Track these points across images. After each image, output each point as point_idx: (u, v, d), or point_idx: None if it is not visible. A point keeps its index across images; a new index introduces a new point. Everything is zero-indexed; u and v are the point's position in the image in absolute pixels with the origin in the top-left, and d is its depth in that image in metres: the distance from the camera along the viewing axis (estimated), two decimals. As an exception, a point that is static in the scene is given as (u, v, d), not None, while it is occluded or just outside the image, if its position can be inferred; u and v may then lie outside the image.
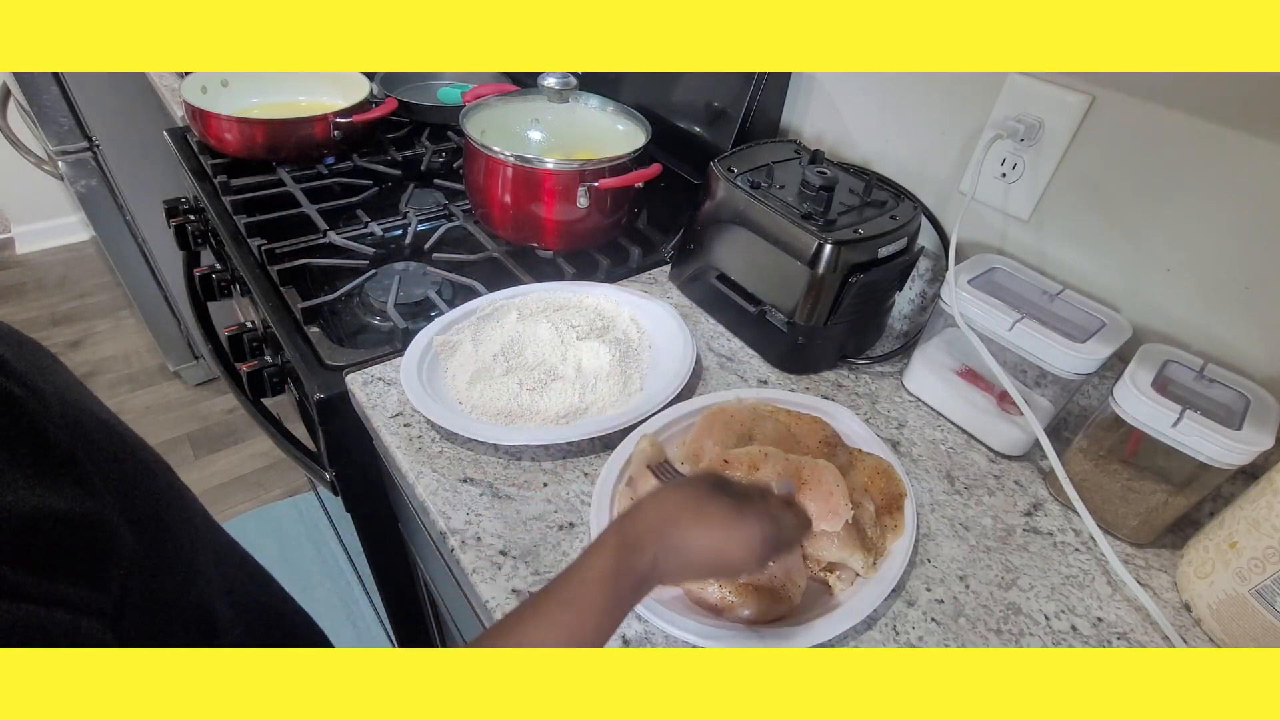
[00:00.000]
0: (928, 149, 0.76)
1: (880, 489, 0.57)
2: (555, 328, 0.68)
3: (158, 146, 1.14)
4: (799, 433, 0.60)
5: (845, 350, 0.73)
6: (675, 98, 0.93)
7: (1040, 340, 0.58)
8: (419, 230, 0.87)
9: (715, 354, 0.73)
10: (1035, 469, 0.65)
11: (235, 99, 1.03)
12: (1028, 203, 0.67)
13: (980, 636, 0.50)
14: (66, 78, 1.41)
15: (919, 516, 0.58)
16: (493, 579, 0.50)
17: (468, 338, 0.68)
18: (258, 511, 1.68)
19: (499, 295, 0.74)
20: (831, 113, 0.85)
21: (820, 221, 0.65)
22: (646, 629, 0.48)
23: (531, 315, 0.71)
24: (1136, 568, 0.57)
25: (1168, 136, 0.57)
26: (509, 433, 0.59)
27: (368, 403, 0.63)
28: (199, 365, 1.97)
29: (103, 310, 2.21)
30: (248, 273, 0.80)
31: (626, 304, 0.74)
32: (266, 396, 0.80)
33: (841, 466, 0.56)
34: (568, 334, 0.68)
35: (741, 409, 0.61)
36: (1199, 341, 0.60)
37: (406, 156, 1.03)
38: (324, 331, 0.72)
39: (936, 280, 0.77)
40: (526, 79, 1.17)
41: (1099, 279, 0.65)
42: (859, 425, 0.64)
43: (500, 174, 0.79)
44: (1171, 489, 0.55)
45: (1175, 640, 0.51)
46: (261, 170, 0.96)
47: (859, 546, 0.51)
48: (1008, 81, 0.65)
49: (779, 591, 0.49)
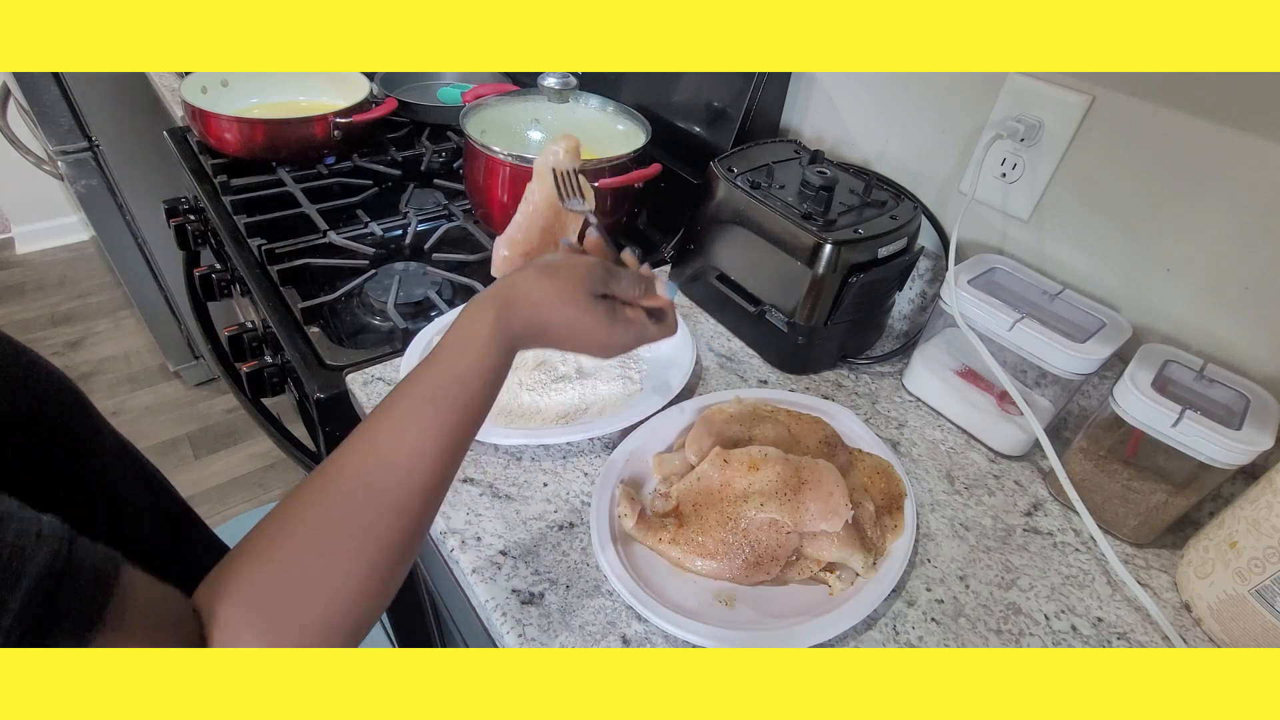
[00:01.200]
0: (928, 149, 0.76)
1: (880, 489, 0.57)
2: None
3: (158, 146, 1.14)
4: (799, 433, 0.60)
5: (845, 350, 0.73)
6: (675, 98, 0.93)
7: (1040, 340, 0.58)
8: (419, 230, 0.87)
9: (715, 354, 0.73)
10: (1035, 469, 0.65)
11: (235, 99, 1.03)
12: (1028, 203, 0.67)
13: (980, 636, 0.50)
14: (66, 78, 1.41)
15: (919, 516, 0.58)
16: (493, 579, 0.50)
17: None
18: (258, 512, 1.68)
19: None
20: (831, 113, 0.85)
21: (820, 221, 0.65)
22: (646, 629, 0.48)
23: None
24: (1136, 568, 0.57)
25: (1168, 136, 0.57)
26: (509, 434, 0.59)
27: (368, 403, 0.63)
28: (199, 365, 1.97)
29: (103, 310, 2.21)
30: (248, 273, 0.80)
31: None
32: (266, 396, 0.80)
33: (841, 466, 0.56)
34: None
35: (741, 409, 0.61)
36: (1199, 341, 0.60)
37: (406, 156, 1.03)
38: (324, 331, 0.72)
39: (936, 280, 0.77)
40: (526, 79, 1.17)
41: (1099, 279, 0.65)
42: (859, 425, 0.64)
43: (500, 174, 0.79)
44: (1171, 489, 0.55)
45: (1175, 640, 0.51)
46: (261, 170, 0.96)
47: (859, 546, 0.51)
48: (1008, 81, 0.65)
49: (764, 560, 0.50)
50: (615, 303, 0.46)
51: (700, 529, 0.52)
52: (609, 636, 0.47)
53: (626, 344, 0.46)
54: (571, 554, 0.52)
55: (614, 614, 0.49)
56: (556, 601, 0.49)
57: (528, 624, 0.47)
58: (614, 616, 0.48)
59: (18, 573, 0.24)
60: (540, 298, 0.42)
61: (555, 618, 0.48)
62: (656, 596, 0.48)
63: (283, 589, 0.33)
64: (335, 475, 0.35)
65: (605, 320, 0.44)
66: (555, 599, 0.49)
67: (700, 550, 0.51)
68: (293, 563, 0.33)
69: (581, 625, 0.48)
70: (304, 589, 0.33)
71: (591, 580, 0.50)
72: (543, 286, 0.42)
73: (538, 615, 0.48)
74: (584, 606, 0.49)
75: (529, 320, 0.42)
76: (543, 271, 0.43)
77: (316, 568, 0.33)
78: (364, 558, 0.34)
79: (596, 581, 0.50)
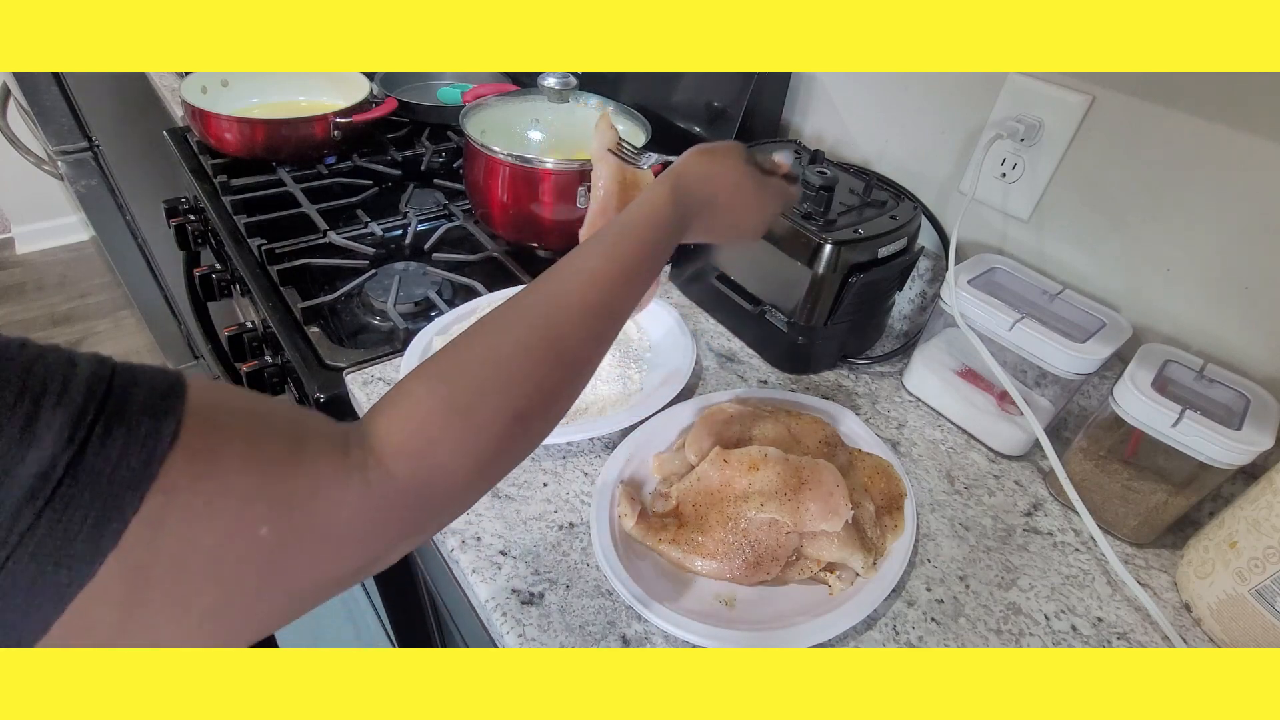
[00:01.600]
0: (928, 149, 0.76)
1: (880, 489, 0.57)
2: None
3: (158, 146, 1.14)
4: (799, 432, 0.60)
5: (845, 350, 0.73)
6: (675, 98, 0.93)
7: (1040, 340, 0.58)
8: (419, 230, 0.87)
9: (715, 354, 0.73)
10: (1035, 469, 0.65)
11: (235, 99, 1.03)
12: (1028, 203, 0.67)
13: (980, 636, 0.50)
14: (66, 78, 1.41)
15: (919, 516, 0.58)
16: (493, 579, 0.50)
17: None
18: (258, 511, 1.68)
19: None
20: (831, 113, 0.85)
21: (820, 221, 0.65)
22: (646, 629, 0.48)
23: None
24: (1136, 568, 0.57)
25: (1168, 136, 0.57)
26: None
27: (367, 403, 0.63)
28: (199, 365, 1.97)
29: (103, 310, 2.21)
30: (248, 273, 0.80)
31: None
32: (266, 396, 0.80)
33: (841, 467, 0.56)
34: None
35: (742, 409, 0.61)
36: (1199, 341, 0.60)
37: (406, 156, 1.03)
38: (324, 331, 0.72)
39: (936, 280, 0.77)
40: (526, 79, 1.17)
41: (1099, 279, 0.65)
42: (859, 425, 0.64)
43: (500, 174, 0.79)
44: (1171, 489, 0.55)
45: (1175, 640, 0.51)
46: (261, 170, 0.96)
47: (859, 546, 0.51)
48: (1008, 81, 0.65)
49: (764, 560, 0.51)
50: (758, 170, 0.52)
51: (700, 529, 0.52)
52: (609, 636, 0.47)
53: (774, 206, 0.52)
54: (571, 554, 0.52)
55: (614, 614, 0.49)
56: (556, 601, 0.49)
57: (528, 624, 0.47)
58: (614, 616, 0.48)
59: (65, 377, 0.21)
60: (707, 170, 0.47)
61: (555, 618, 0.48)
62: (656, 596, 0.48)
63: (474, 372, 0.32)
64: (516, 296, 0.36)
65: (759, 183, 0.50)
66: (555, 599, 0.49)
67: (700, 550, 0.51)
68: (485, 351, 0.33)
69: (581, 625, 0.48)
70: (496, 372, 0.32)
71: (591, 580, 0.50)
72: (707, 161, 0.48)
73: (538, 615, 0.48)
74: (584, 606, 0.49)
75: (700, 190, 0.46)
76: (702, 152, 0.49)
77: (507, 351, 0.33)
78: (551, 354, 0.34)
79: (596, 581, 0.50)
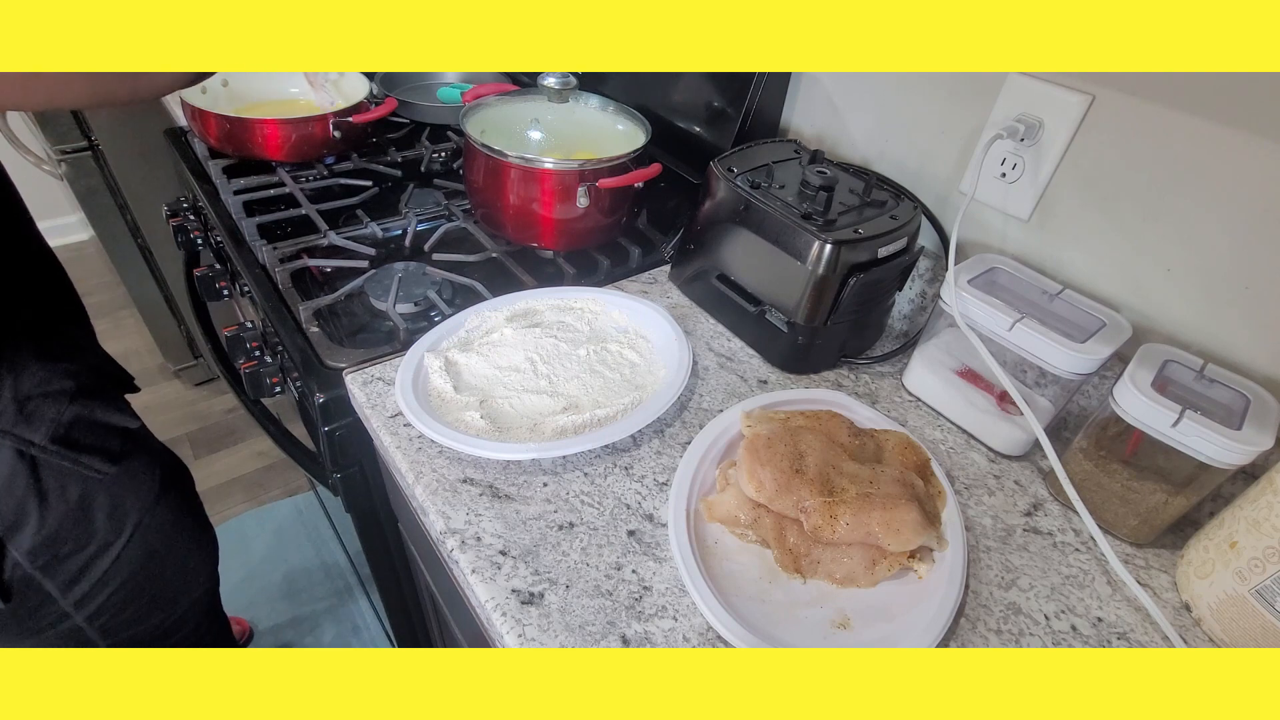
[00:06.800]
0: (928, 149, 0.76)
1: (911, 461, 0.58)
2: (550, 334, 0.68)
3: (158, 146, 1.14)
4: (830, 430, 0.59)
5: (845, 350, 0.73)
6: (675, 98, 0.93)
7: (1040, 340, 0.58)
8: (419, 230, 0.87)
9: (715, 354, 0.73)
10: (1035, 469, 0.65)
11: (235, 99, 1.03)
12: (1028, 203, 0.67)
13: (980, 637, 0.50)
14: (66, 78, 1.41)
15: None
16: (492, 579, 0.50)
17: (461, 349, 0.67)
18: (257, 511, 1.68)
19: (496, 303, 0.73)
20: (831, 113, 0.85)
21: (820, 221, 0.65)
22: (646, 629, 0.48)
23: (526, 323, 0.70)
24: (1136, 568, 0.57)
25: (1168, 136, 0.57)
26: (507, 447, 0.57)
27: (367, 403, 0.63)
28: (199, 365, 1.97)
29: (103, 310, 2.21)
30: (247, 273, 0.80)
31: (619, 307, 0.74)
32: (266, 396, 0.80)
33: (871, 454, 0.57)
34: (563, 340, 0.68)
35: (773, 427, 0.58)
36: (1199, 341, 0.60)
37: (406, 156, 1.03)
38: (324, 331, 0.72)
39: (936, 280, 0.77)
40: (526, 79, 1.17)
41: (1099, 279, 0.65)
42: (862, 408, 0.65)
43: (500, 174, 0.79)
44: (1171, 489, 0.55)
45: (1175, 640, 0.51)
46: (261, 170, 0.96)
47: (929, 524, 0.53)
48: (1008, 81, 0.65)
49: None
50: None
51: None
52: (609, 636, 0.47)
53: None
54: (571, 554, 0.52)
55: (614, 614, 0.49)
56: (556, 601, 0.49)
57: (527, 624, 0.47)
58: (614, 616, 0.48)
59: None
60: None
61: (555, 618, 0.48)
62: (765, 640, 0.47)
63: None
64: None
65: None
66: (555, 599, 0.49)
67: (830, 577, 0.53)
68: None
69: (581, 625, 0.48)
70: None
71: (591, 580, 0.50)
72: None
73: (537, 615, 0.48)
74: (584, 606, 0.49)
75: None
76: None
77: None
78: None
79: (596, 582, 0.50)
